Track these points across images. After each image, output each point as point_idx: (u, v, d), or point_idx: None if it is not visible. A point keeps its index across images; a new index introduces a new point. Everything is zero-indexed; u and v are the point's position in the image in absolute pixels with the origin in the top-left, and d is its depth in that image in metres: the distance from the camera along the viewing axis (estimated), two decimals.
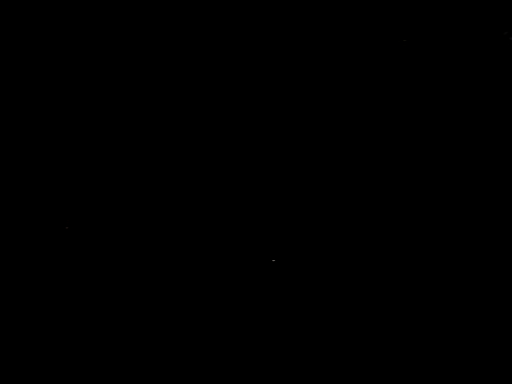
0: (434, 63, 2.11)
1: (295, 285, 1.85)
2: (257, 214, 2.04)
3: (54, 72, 1.83)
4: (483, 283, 1.72)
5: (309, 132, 2.16)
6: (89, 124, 1.89)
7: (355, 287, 1.81)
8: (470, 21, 2.15)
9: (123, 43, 1.91)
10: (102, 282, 1.78)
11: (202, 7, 2.01)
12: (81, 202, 1.93)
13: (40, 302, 1.69)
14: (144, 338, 1.61)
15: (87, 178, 1.93)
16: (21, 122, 1.82)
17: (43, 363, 1.56)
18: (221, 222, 2.06)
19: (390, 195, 2.04)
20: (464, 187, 2.02)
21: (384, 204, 2.02)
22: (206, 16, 2.05)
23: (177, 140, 2.07)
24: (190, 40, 2.02)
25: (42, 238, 1.86)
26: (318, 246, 1.97)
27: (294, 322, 1.70)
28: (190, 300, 1.82)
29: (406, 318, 1.65)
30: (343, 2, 2.14)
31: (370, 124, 2.11)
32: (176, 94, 2.00)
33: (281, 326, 1.68)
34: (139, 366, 1.59)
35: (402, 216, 1.99)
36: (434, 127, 2.09)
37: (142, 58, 1.94)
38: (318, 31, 2.20)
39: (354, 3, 2.15)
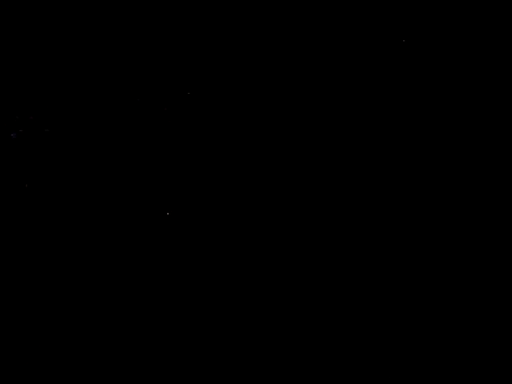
0: (434, 63, 2.12)
1: (295, 285, 1.86)
2: (256, 214, 2.04)
3: (53, 72, 1.76)
4: (483, 283, 1.75)
5: (309, 132, 2.14)
6: (88, 124, 1.83)
7: (355, 287, 1.83)
8: (469, 21, 2.14)
9: (122, 43, 1.84)
10: (102, 283, 1.76)
11: (202, 7, 1.94)
12: (79, 200, 1.89)
13: (40, 302, 1.67)
14: (142, 338, 1.61)
15: (87, 178, 1.89)
16: (21, 121, 1.75)
17: (42, 363, 1.56)
18: (221, 222, 2.05)
19: (390, 195, 2.06)
20: (464, 187, 2.05)
21: (384, 204, 2.04)
22: (206, 16, 1.99)
23: (176, 140, 2.03)
24: (190, 40, 1.96)
25: (42, 238, 1.81)
26: (318, 245, 1.98)
27: (293, 322, 1.71)
28: (190, 299, 1.82)
29: (404, 317, 1.67)
30: (343, 2, 2.10)
31: (369, 124, 2.11)
32: (176, 94, 1.95)
33: (281, 326, 1.69)
34: (139, 366, 1.60)
35: (402, 216, 2.01)
36: (434, 127, 2.11)
37: (142, 58, 1.87)
38: (317, 31, 2.16)
39: (354, 3, 2.12)
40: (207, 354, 1.59)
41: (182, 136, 1.94)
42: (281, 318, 1.66)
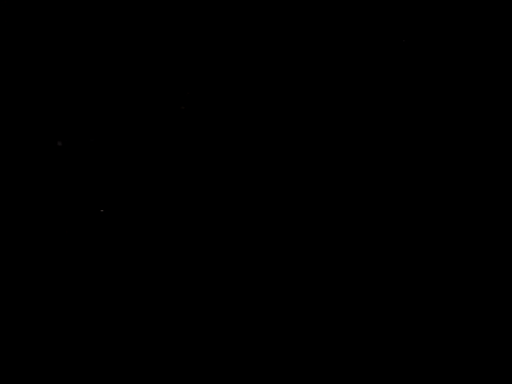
0: (434, 63, 2.12)
1: (295, 285, 1.85)
2: (256, 214, 2.04)
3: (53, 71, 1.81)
4: (483, 283, 1.73)
5: (308, 132, 2.15)
6: (88, 124, 1.87)
7: (354, 287, 1.82)
8: (469, 21, 2.15)
9: (122, 43, 1.89)
10: (102, 282, 1.77)
11: (202, 7, 1.98)
12: (81, 202, 1.92)
13: (40, 301, 1.68)
14: (142, 338, 1.60)
15: (87, 178, 1.92)
16: (20, 122, 1.79)
17: (42, 363, 1.56)
18: (220, 221, 2.05)
19: (389, 195, 2.04)
20: (463, 187, 2.04)
21: (383, 204, 2.02)
22: (205, 16, 2.03)
23: (176, 141, 2.06)
24: (190, 40, 2.00)
25: (44, 238, 1.84)
26: (318, 246, 1.98)
27: (293, 322, 1.70)
28: (189, 299, 1.82)
29: (403, 317, 1.66)
30: (343, 2, 2.13)
31: (369, 124, 2.10)
32: (175, 95, 1.99)
33: (281, 326, 1.68)
34: (139, 366, 1.59)
35: (401, 215, 1.99)
36: (433, 127, 2.09)
37: (142, 59, 1.92)
38: (317, 31, 2.19)
39: (354, 3, 2.14)
40: (207, 354, 1.58)
41: (180, 137, 1.96)
42: (281, 317, 1.65)
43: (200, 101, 2.03)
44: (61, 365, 1.55)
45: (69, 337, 1.59)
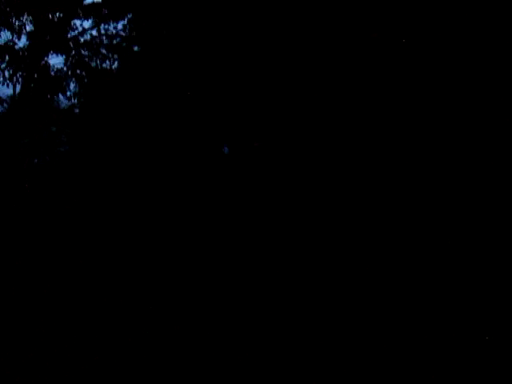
0: (434, 63, 2.11)
1: (295, 285, 1.84)
2: (255, 214, 2.03)
3: None
4: (483, 283, 1.71)
5: (307, 132, 2.14)
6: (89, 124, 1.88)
7: (354, 287, 1.81)
8: (468, 21, 2.14)
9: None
10: (102, 281, 1.76)
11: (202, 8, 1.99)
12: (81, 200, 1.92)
13: (41, 301, 1.68)
14: (142, 337, 1.60)
15: (88, 178, 1.92)
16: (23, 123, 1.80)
17: (43, 362, 1.56)
18: (221, 221, 2.05)
19: (388, 195, 2.03)
20: (463, 187, 2.02)
21: (382, 204, 2.01)
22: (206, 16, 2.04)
23: (176, 141, 2.06)
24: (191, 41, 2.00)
25: (45, 238, 1.84)
26: (318, 246, 1.97)
27: (293, 322, 1.69)
28: (189, 298, 1.81)
29: (401, 317, 1.65)
30: (343, 3, 2.13)
31: (368, 123, 2.10)
32: (175, 96, 1.99)
33: (280, 326, 1.68)
34: (139, 366, 1.59)
35: (400, 215, 1.98)
36: (433, 127, 2.09)
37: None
38: (317, 31, 2.18)
39: (354, 3, 2.14)
40: (207, 353, 1.58)
41: (180, 137, 1.96)
42: (280, 317, 1.64)
43: (202, 102, 2.03)
44: (62, 364, 1.55)
45: (69, 336, 1.59)
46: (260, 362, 1.55)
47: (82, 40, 4.48)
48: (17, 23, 4.40)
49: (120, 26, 4.17)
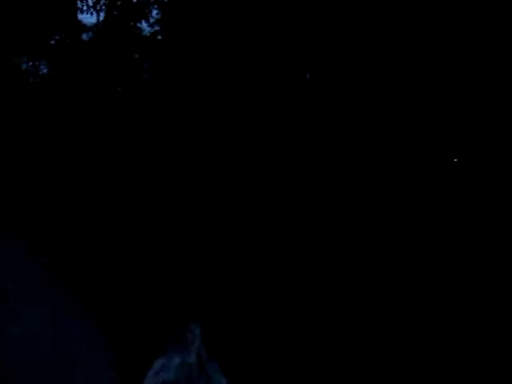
0: (434, 63, 2.02)
1: (294, 285, 1.82)
2: (255, 214, 2.04)
3: None
4: (482, 283, 1.67)
5: (307, 132, 2.14)
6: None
7: (354, 288, 1.78)
8: (468, 21, 2.02)
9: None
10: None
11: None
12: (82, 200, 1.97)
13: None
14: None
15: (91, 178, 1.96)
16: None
17: None
18: (220, 221, 2.06)
19: (388, 196, 2.01)
20: (463, 187, 1.97)
21: (381, 205, 2.00)
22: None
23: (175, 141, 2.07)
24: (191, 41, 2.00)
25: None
26: (317, 246, 1.95)
27: (293, 322, 1.70)
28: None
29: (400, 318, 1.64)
30: (343, 3, 2.08)
31: (368, 123, 2.06)
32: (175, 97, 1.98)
33: (281, 326, 1.68)
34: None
35: (400, 216, 1.96)
36: (433, 127, 2.02)
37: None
38: (317, 31, 2.15)
39: (354, 4, 2.08)
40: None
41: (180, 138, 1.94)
42: (280, 316, 1.63)
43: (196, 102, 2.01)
44: None
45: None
46: (260, 362, 1.58)
47: None
48: None
49: None
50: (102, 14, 4.90)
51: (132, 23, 4.72)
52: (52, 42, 5.62)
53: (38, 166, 4.57)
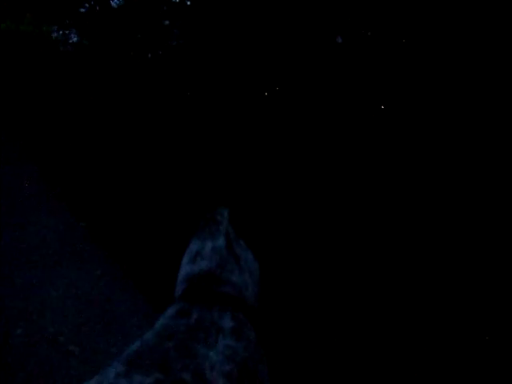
0: (433, 63, 1.95)
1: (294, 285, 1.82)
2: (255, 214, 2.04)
3: None
4: (482, 283, 1.66)
5: (306, 132, 2.12)
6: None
7: (354, 288, 1.76)
8: (468, 21, 1.93)
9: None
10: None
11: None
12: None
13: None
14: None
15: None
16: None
17: None
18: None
19: (387, 196, 1.97)
20: (463, 186, 1.92)
21: (381, 205, 1.96)
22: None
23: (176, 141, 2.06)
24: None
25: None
26: (317, 246, 1.93)
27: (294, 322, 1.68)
28: None
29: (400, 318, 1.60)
30: (342, 3, 2.01)
31: (367, 123, 2.02)
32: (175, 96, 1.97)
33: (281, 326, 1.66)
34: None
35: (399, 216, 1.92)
36: (432, 127, 1.97)
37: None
38: (316, 31, 2.09)
39: (353, 4, 2.01)
40: None
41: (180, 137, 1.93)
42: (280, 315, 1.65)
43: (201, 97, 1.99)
44: None
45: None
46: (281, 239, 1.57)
47: None
48: None
49: None
50: None
51: None
52: (82, 10, 5.65)
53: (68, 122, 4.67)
